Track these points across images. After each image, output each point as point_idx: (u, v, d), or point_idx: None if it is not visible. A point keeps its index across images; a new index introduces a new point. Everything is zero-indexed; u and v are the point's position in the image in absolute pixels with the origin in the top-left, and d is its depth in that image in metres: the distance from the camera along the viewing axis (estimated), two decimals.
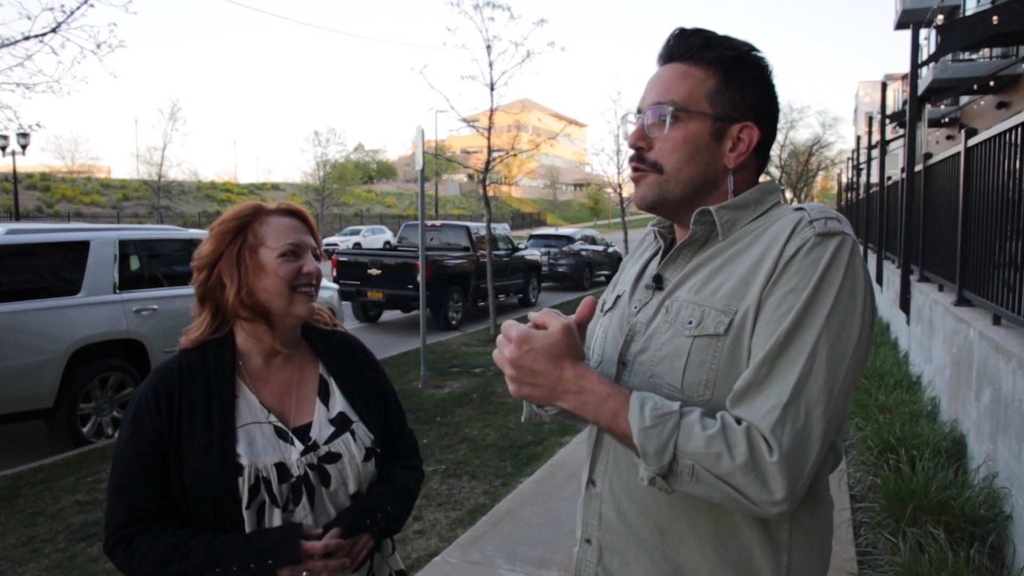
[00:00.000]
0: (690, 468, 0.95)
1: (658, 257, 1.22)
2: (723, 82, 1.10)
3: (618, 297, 1.25)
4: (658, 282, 1.15)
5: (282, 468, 1.37)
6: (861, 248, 1.01)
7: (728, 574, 1.04)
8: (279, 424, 1.41)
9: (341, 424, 1.47)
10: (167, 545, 1.29)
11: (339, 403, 1.49)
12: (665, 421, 0.96)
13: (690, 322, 1.05)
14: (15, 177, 25.63)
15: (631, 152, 1.16)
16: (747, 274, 1.03)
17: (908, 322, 6.86)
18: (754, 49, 1.13)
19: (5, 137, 22.19)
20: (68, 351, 5.40)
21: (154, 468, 1.33)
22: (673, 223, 1.22)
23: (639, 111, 1.15)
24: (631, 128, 1.16)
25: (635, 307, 1.17)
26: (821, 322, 0.97)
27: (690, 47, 1.12)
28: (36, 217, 35.07)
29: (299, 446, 1.41)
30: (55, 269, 5.63)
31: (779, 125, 1.18)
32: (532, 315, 1.05)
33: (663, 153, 1.11)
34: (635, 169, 1.15)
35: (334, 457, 1.43)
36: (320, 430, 1.44)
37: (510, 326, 1.04)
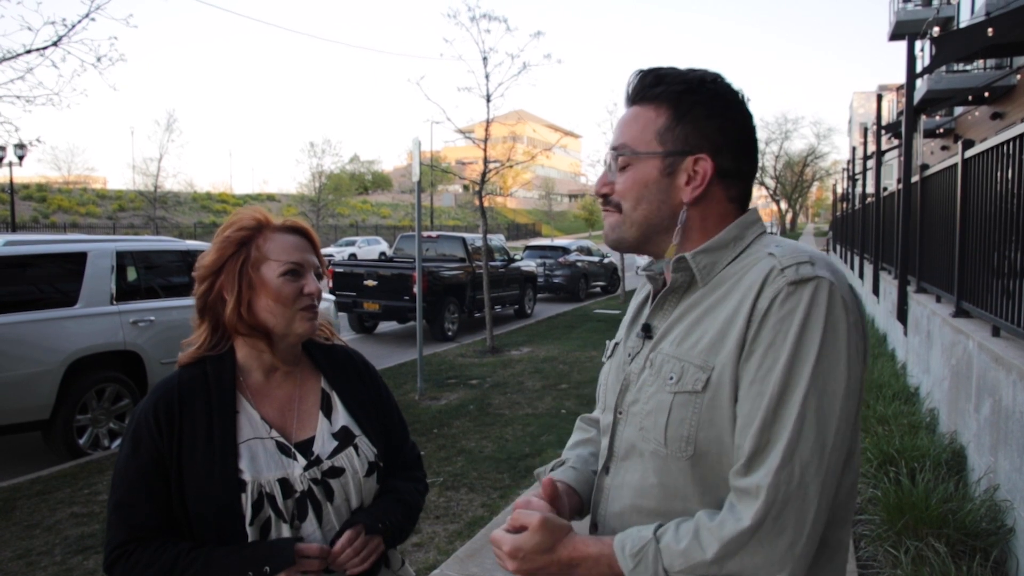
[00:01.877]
0: None
1: (649, 302, 1.22)
2: (673, 118, 1.10)
3: (616, 344, 1.28)
4: (647, 331, 1.16)
5: (285, 484, 1.36)
6: (841, 290, 1.01)
7: None
8: (281, 439, 1.40)
9: (344, 438, 1.46)
10: (166, 559, 1.29)
11: (342, 417, 1.49)
12: (644, 554, 1.00)
13: (671, 378, 1.06)
14: (11, 188, 25.60)
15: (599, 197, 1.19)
16: (723, 327, 1.03)
17: (905, 333, 6.88)
18: (713, 79, 1.12)
19: (2, 148, 22.17)
20: (65, 362, 5.37)
21: (155, 486, 1.32)
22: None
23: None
24: None
25: (628, 355, 1.19)
26: (807, 380, 0.96)
27: (642, 87, 1.13)
28: (32, 228, 34.98)
29: (302, 461, 1.40)
30: (52, 280, 5.61)
31: (774, 136, 1.19)
32: (509, 519, 1.11)
33: (620, 195, 1.14)
34: (603, 209, 1.19)
35: (337, 472, 1.42)
36: (323, 444, 1.44)
37: (500, 541, 1.09)
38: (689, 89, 1.10)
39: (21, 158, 22.96)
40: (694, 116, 1.10)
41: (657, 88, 1.11)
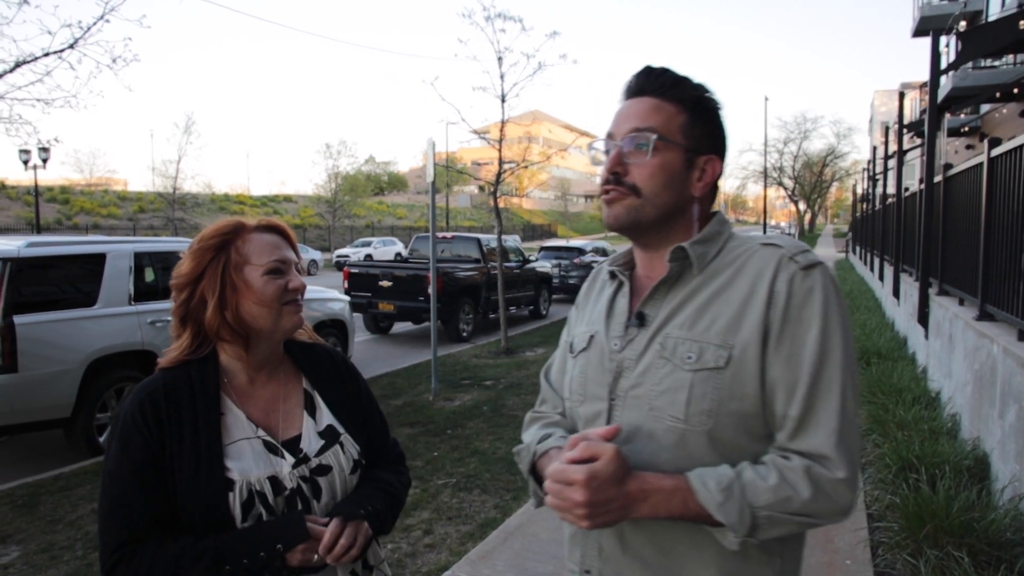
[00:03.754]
0: (767, 518, 1.05)
1: (625, 294, 1.27)
2: (692, 118, 1.20)
3: (591, 336, 1.28)
4: (641, 319, 1.20)
5: (275, 481, 1.37)
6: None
7: None
8: (268, 438, 1.41)
9: (330, 436, 1.47)
10: (172, 554, 1.27)
11: (326, 416, 1.50)
12: (731, 489, 1.04)
13: (689, 357, 1.12)
14: (36, 190, 26.04)
15: (607, 176, 1.21)
16: (739, 309, 1.11)
17: (926, 337, 6.77)
18: (710, 91, 1.24)
19: (27, 152, 22.59)
20: (85, 362, 5.45)
21: (150, 484, 1.30)
22: (633, 258, 1.31)
23: (610, 137, 1.23)
24: (599, 154, 1.25)
25: (615, 344, 1.22)
26: (840, 346, 1.08)
27: (661, 84, 1.21)
28: (56, 230, 35.50)
29: (290, 459, 1.40)
30: (73, 281, 5.69)
31: (793, 136, 1.24)
32: (570, 453, 1.08)
33: (642, 178, 1.18)
34: (610, 191, 1.21)
35: (325, 470, 1.43)
36: (310, 443, 1.44)
37: (564, 471, 1.06)
38: (703, 97, 1.21)
39: (45, 161, 23.34)
40: (707, 121, 1.21)
41: (677, 90, 1.20)
